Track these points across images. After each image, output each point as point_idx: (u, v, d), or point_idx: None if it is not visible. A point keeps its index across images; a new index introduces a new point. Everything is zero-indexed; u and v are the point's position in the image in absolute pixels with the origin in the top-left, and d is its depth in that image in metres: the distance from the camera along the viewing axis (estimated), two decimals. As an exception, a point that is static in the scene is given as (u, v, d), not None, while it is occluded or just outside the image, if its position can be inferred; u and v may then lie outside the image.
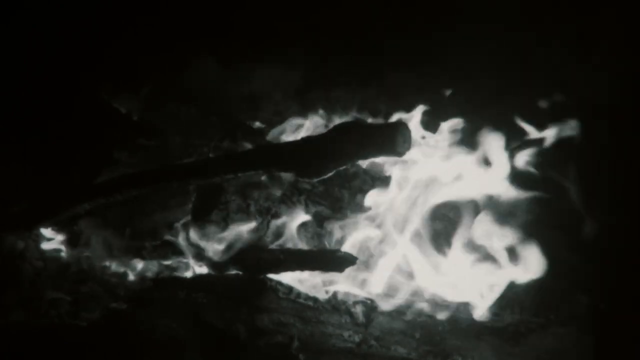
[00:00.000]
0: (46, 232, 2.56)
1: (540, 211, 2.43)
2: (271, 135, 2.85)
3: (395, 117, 2.78)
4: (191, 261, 2.45)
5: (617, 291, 2.30)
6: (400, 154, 2.22)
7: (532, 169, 2.49)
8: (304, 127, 2.87)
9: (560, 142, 2.52)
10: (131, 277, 2.47)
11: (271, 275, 2.28)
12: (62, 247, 2.55)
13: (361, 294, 2.31)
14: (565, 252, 2.41)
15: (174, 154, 2.77)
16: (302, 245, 2.48)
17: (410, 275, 2.33)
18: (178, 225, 2.57)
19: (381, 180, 2.60)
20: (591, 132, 2.50)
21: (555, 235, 2.45)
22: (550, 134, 2.54)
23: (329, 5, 3.11)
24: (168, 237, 2.54)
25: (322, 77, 3.16)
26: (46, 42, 3.03)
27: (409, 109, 2.78)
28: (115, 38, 3.11)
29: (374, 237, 2.44)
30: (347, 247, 2.41)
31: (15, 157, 2.77)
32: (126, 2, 3.17)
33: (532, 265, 2.26)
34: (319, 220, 2.54)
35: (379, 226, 2.46)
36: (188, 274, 2.45)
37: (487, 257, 2.30)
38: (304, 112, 2.95)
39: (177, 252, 2.47)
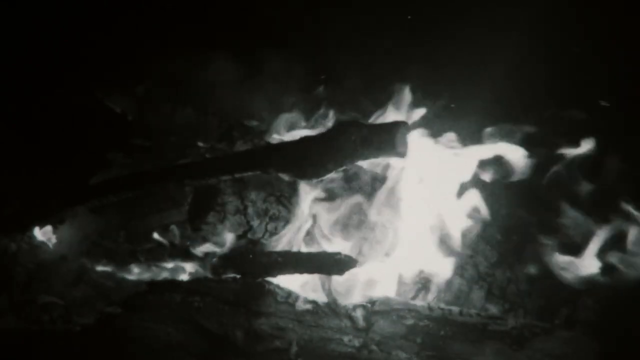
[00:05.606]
0: (39, 234, 2.54)
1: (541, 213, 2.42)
2: (269, 135, 2.82)
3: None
4: (187, 264, 2.43)
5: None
6: (400, 154, 2.20)
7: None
8: (303, 127, 2.84)
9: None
10: (126, 280, 2.44)
11: (269, 279, 2.24)
12: (55, 250, 2.52)
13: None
14: (568, 254, 2.39)
15: (170, 154, 2.76)
16: (301, 248, 2.45)
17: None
18: (174, 227, 2.56)
19: (381, 180, 2.56)
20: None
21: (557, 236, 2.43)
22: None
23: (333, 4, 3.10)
24: (163, 239, 2.52)
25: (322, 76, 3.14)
26: (40, 41, 3.01)
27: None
28: (111, 37, 3.09)
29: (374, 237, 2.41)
30: (346, 249, 2.37)
31: (7, 158, 2.74)
32: (121, 1, 3.16)
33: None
34: (318, 221, 2.50)
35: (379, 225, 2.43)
36: (184, 277, 2.43)
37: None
38: (303, 111, 2.92)
39: (173, 254, 2.46)
